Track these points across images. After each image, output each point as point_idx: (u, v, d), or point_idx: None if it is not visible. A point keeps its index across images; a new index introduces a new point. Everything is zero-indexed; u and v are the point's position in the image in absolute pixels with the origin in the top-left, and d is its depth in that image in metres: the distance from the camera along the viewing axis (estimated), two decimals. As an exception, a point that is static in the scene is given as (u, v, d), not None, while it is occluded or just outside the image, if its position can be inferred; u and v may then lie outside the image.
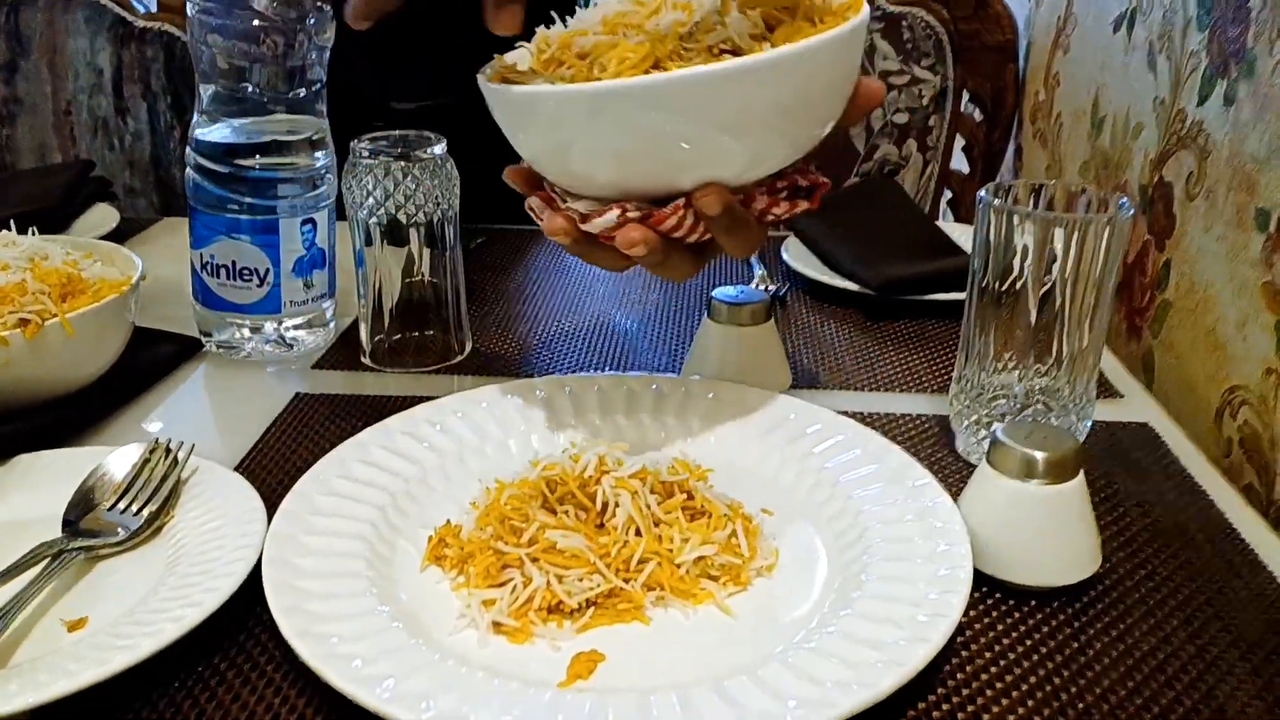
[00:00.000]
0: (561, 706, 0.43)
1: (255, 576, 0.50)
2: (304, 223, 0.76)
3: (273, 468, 0.65)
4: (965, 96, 1.36)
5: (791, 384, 0.75)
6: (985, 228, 0.62)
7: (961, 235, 0.99)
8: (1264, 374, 0.73)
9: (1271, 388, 0.72)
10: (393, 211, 0.73)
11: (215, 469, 0.59)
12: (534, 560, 0.51)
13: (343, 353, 0.81)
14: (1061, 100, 1.24)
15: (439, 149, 0.73)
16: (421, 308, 0.78)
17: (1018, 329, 0.62)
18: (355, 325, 0.82)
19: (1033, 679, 0.48)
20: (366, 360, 0.79)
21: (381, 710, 0.42)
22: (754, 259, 1.01)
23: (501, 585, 0.51)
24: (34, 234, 0.75)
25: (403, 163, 0.72)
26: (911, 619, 0.48)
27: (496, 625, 0.50)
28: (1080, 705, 0.47)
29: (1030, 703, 0.47)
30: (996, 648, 0.50)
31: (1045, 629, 0.52)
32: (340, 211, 0.77)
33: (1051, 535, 0.53)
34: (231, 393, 0.76)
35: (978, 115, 1.37)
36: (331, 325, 0.83)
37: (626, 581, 0.51)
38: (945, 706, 0.47)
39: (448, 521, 0.57)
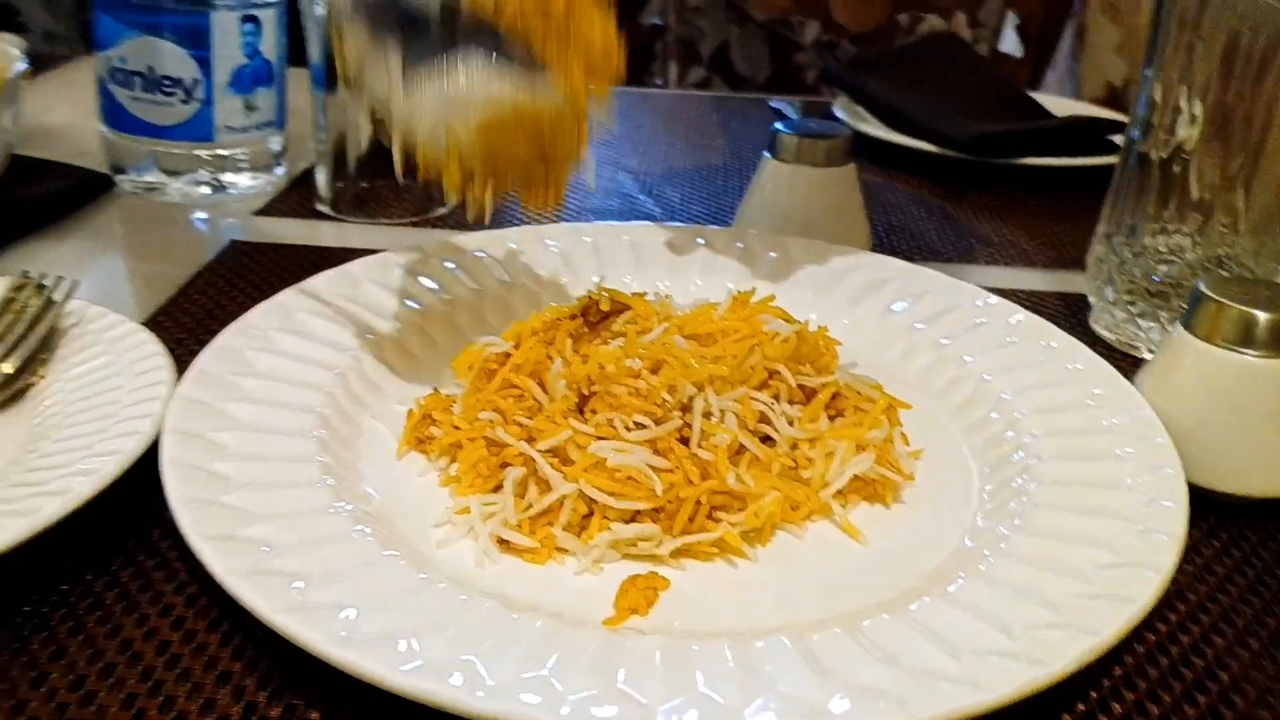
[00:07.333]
0: (614, 655, 0.28)
1: (154, 457, 0.34)
2: (245, 20, 0.58)
3: (194, 325, 0.48)
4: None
5: (873, 248, 0.59)
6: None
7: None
8: None
9: None
10: None
11: (107, 316, 0.43)
12: (562, 462, 0.35)
13: (293, 199, 0.64)
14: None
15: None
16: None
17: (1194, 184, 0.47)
18: (309, 173, 0.64)
19: (1265, 614, 0.34)
20: (325, 209, 0.62)
21: (338, 659, 0.26)
22: (794, 111, 0.84)
23: (499, 489, 0.35)
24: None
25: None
26: (1121, 539, 0.33)
27: (502, 542, 0.34)
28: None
29: (1255, 642, 0.33)
30: (1211, 577, 0.36)
31: (1268, 553, 0.37)
32: (295, 21, 0.59)
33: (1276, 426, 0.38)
34: (147, 238, 0.58)
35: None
36: (282, 170, 0.65)
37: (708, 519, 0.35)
38: (1172, 649, 0.32)
39: (435, 390, 0.40)
